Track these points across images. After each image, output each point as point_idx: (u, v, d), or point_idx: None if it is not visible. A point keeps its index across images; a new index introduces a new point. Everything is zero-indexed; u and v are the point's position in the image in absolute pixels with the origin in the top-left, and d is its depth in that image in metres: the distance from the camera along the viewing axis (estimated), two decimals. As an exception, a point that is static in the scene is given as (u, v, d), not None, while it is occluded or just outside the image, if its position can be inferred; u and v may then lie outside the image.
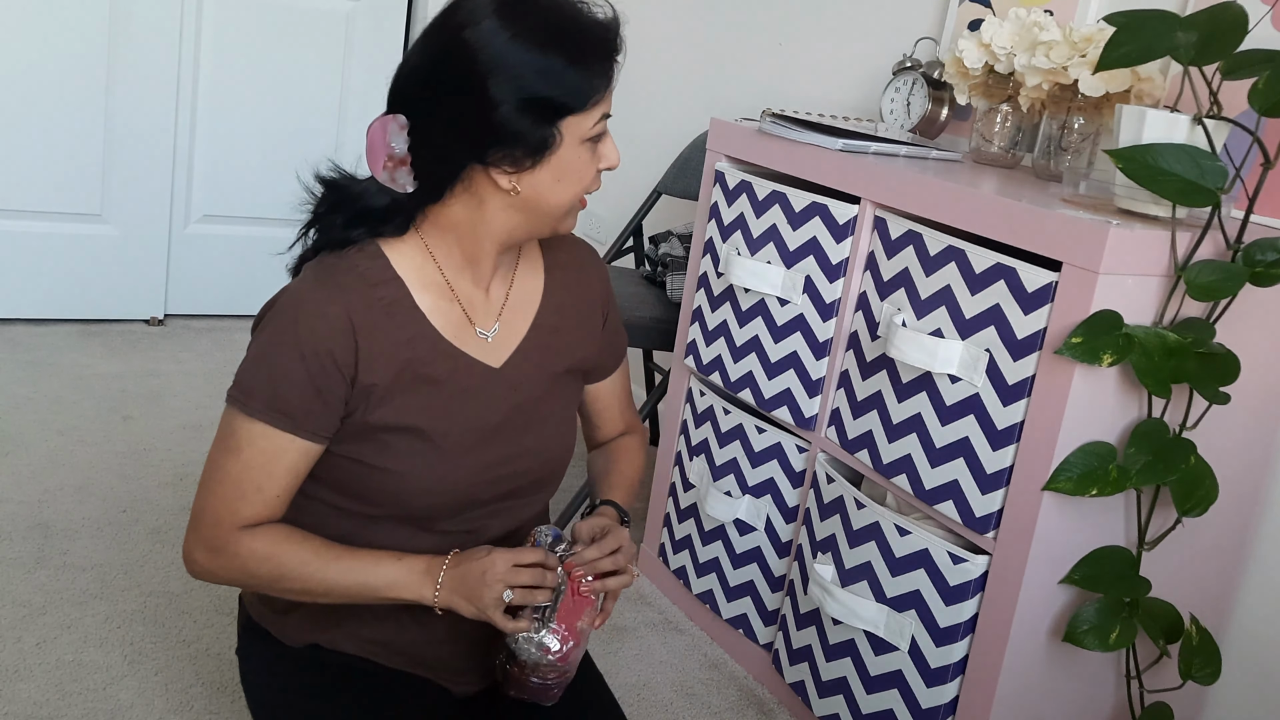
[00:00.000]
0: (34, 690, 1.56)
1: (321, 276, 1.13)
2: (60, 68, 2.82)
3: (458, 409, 1.18)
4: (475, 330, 1.20)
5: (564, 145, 1.11)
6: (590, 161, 1.14)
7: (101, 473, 2.22)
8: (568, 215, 1.18)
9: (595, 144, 1.14)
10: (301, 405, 1.10)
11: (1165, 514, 1.45)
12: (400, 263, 1.16)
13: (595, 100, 1.11)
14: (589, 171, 1.15)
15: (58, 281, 2.97)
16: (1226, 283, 1.33)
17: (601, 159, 1.16)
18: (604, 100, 1.12)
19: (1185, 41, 1.32)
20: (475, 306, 1.20)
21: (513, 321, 1.24)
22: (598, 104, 1.11)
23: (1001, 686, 1.44)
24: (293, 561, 1.12)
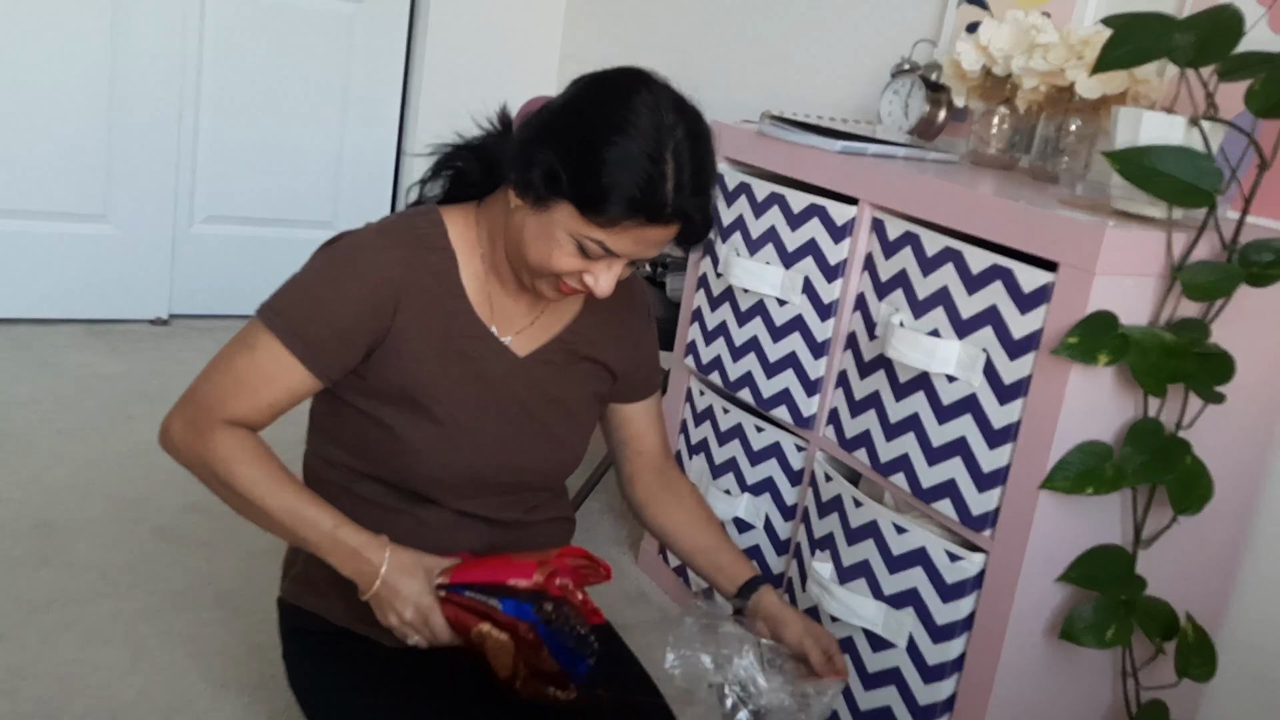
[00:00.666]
0: (37, 688, 1.57)
1: (384, 228, 1.19)
2: (63, 68, 2.83)
3: (477, 388, 1.20)
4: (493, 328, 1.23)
5: (557, 215, 1.10)
6: (567, 256, 1.11)
7: (105, 472, 2.23)
8: (538, 278, 1.16)
9: (585, 254, 1.11)
10: (319, 339, 1.14)
11: (1161, 513, 1.46)
12: (455, 236, 1.21)
13: (599, 220, 1.08)
14: (562, 263, 1.12)
15: (61, 282, 2.98)
16: (1222, 283, 1.34)
17: (586, 272, 1.13)
18: (609, 231, 1.08)
19: (1182, 43, 1.33)
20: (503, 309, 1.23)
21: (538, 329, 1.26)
22: (601, 227, 1.08)
23: (998, 684, 1.44)
24: (245, 477, 1.14)
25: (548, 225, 1.11)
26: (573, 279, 1.14)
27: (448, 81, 3.33)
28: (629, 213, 1.07)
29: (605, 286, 1.13)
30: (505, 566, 1.15)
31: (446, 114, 3.36)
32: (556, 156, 1.09)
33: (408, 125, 3.39)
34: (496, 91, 3.43)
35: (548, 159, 1.09)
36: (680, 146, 1.09)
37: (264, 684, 1.66)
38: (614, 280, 1.13)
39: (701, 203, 1.11)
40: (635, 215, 1.07)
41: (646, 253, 1.13)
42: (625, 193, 1.06)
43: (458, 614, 1.15)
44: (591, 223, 1.09)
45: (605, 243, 1.10)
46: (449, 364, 1.20)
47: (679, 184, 1.08)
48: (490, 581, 1.15)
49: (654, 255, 1.14)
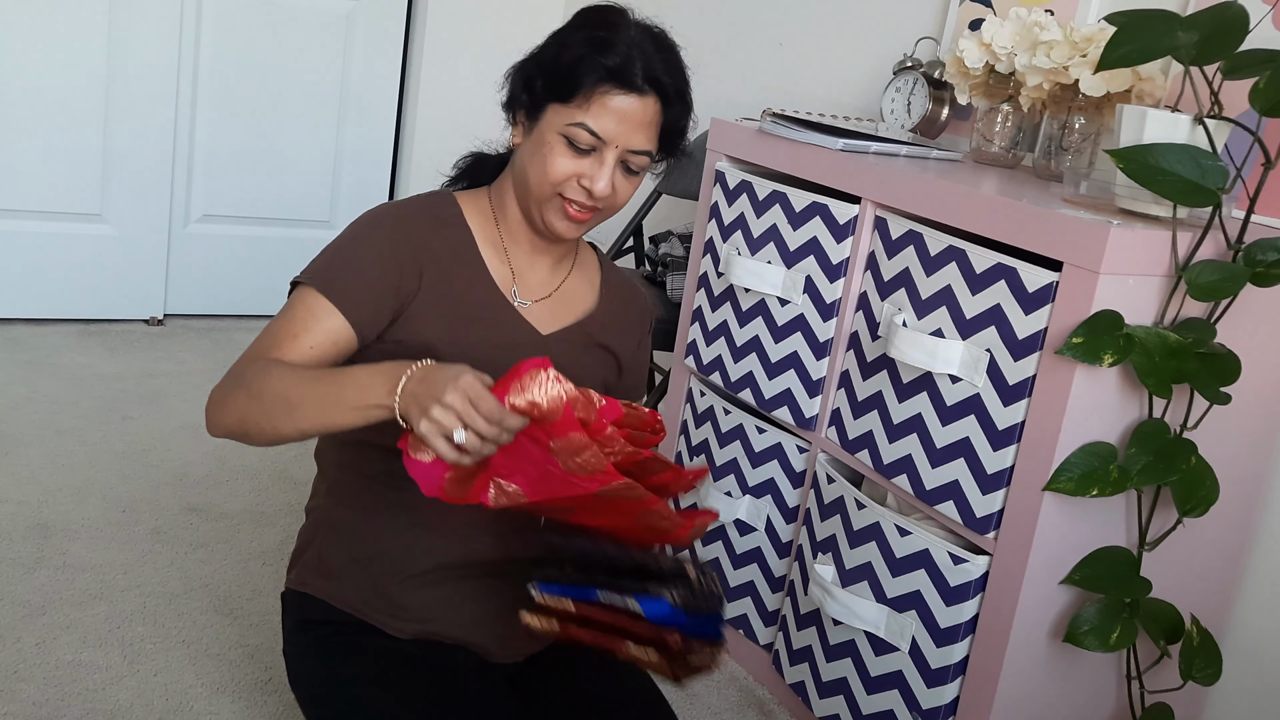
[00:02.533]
0: (33, 690, 1.56)
1: (404, 204, 1.26)
2: (59, 66, 2.82)
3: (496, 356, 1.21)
4: (513, 289, 1.27)
5: (544, 123, 1.19)
6: (561, 158, 1.18)
7: (101, 473, 2.21)
8: (545, 207, 1.21)
9: (575, 148, 1.17)
10: (351, 288, 1.17)
11: (1166, 514, 1.45)
12: (469, 214, 1.27)
13: (576, 100, 1.16)
14: (557, 166, 1.18)
15: (57, 281, 2.97)
16: (1227, 283, 1.33)
17: (582, 176, 1.19)
18: (587, 109, 1.16)
19: (1186, 41, 1.32)
20: (522, 273, 1.28)
21: (560, 307, 1.31)
22: (580, 108, 1.16)
23: (1002, 687, 1.43)
24: (279, 371, 1.11)
25: (539, 137, 1.19)
26: (573, 189, 1.19)
27: (446, 80, 3.32)
28: (600, 80, 1.15)
29: (603, 185, 1.18)
30: (567, 482, 1.01)
31: (444, 112, 3.36)
32: (534, 65, 1.21)
33: (405, 124, 3.37)
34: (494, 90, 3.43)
35: (527, 69, 1.22)
36: (645, 36, 1.20)
37: (261, 687, 1.65)
38: (609, 178, 1.18)
39: (676, 79, 1.21)
40: (606, 81, 1.16)
41: (633, 136, 1.18)
42: (593, 63, 1.16)
43: (593, 636, 1.07)
44: (571, 106, 1.16)
45: (587, 123, 1.16)
46: (469, 331, 1.23)
47: (647, 56, 1.18)
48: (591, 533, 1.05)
49: (640, 145, 1.19)
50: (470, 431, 0.97)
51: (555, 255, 1.31)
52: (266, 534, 2.08)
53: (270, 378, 1.10)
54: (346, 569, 1.25)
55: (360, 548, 1.25)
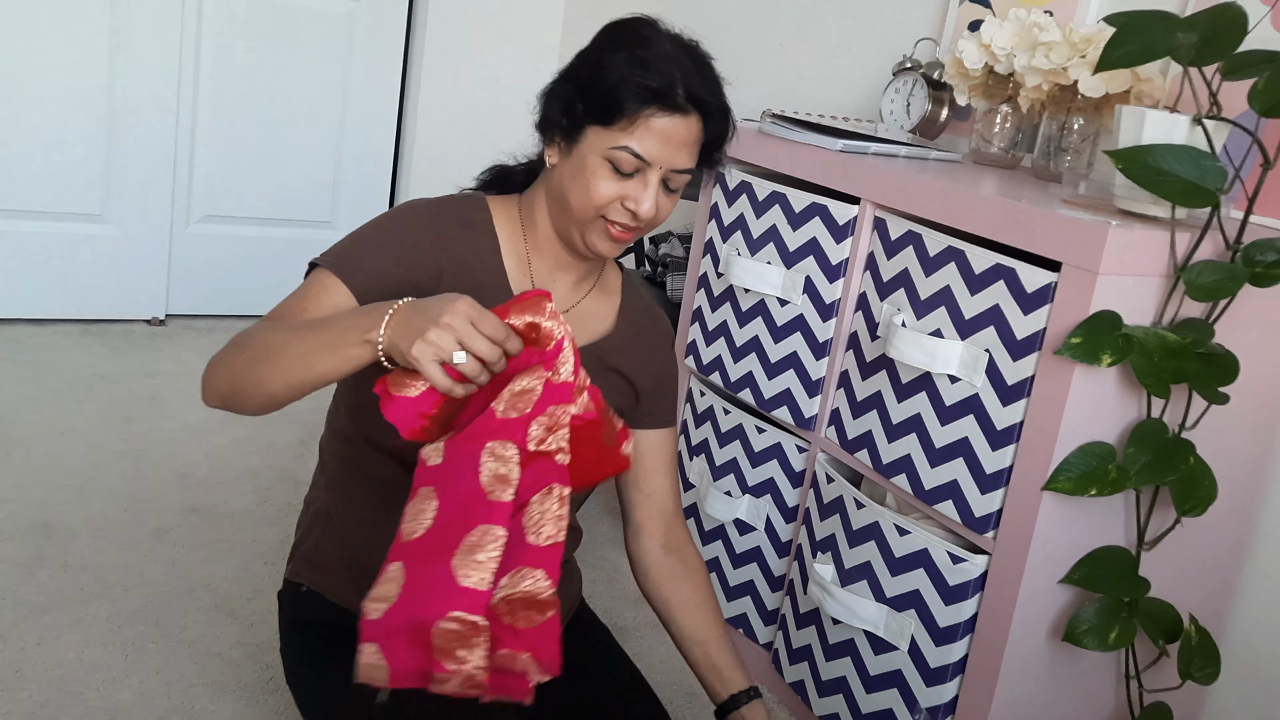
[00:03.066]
0: (35, 690, 1.57)
1: (435, 203, 1.24)
2: (61, 67, 2.82)
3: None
4: None
5: (585, 145, 1.17)
6: (604, 181, 1.16)
7: (102, 473, 2.22)
8: (587, 229, 1.20)
9: (618, 171, 1.16)
10: (365, 270, 1.16)
11: (1165, 514, 1.46)
12: (498, 221, 1.26)
13: (620, 124, 1.14)
14: (600, 190, 1.16)
15: (59, 282, 2.97)
16: (1226, 283, 1.33)
17: (626, 199, 1.17)
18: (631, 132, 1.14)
19: (1185, 42, 1.32)
20: (547, 286, 1.27)
21: (575, 326, 1.28)
22: (624, 131, 1.14)
23: (1001, 686, 1.44)
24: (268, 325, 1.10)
25: (580, 160, 1.17)
26: (617, 211, 1.18)
27: (446, 80, 3.32)
28: (643, 103, 1.13)
29: (648, 206, 1.17)
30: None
31: (445, 113, 3.36)
32: (572, 87, 1.18)
33: (406, 124, 3.38)
34: (495, 91, 3.43)
35: (564, 91, 1.19)
36: (681, 51, 1.18)
37: (262, 686, 1.65)
38: (654, 199, 1.17)
39: (716, 95, 1.19)
40: (650, 104, 1.14)
41: (676, 155, 1.16)
42: (635, 85, 1.13)
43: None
44: (614, 129, 1.15)
45: (632, 146, 1.14)
46: None
47: (687, 74, 1.16)
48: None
49: (683, 164, 1.17)
50: (470, 355, 0.94)
51: (579, 273, 1.29)
52: (267, 534, 2.09)
53: (258, 331, 1.09)
54: (342, 562, 1.25)
55: (356, 542, 1.25)
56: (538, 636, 0.96)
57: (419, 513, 1.01)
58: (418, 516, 1.00)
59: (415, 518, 1.01)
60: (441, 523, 0.99)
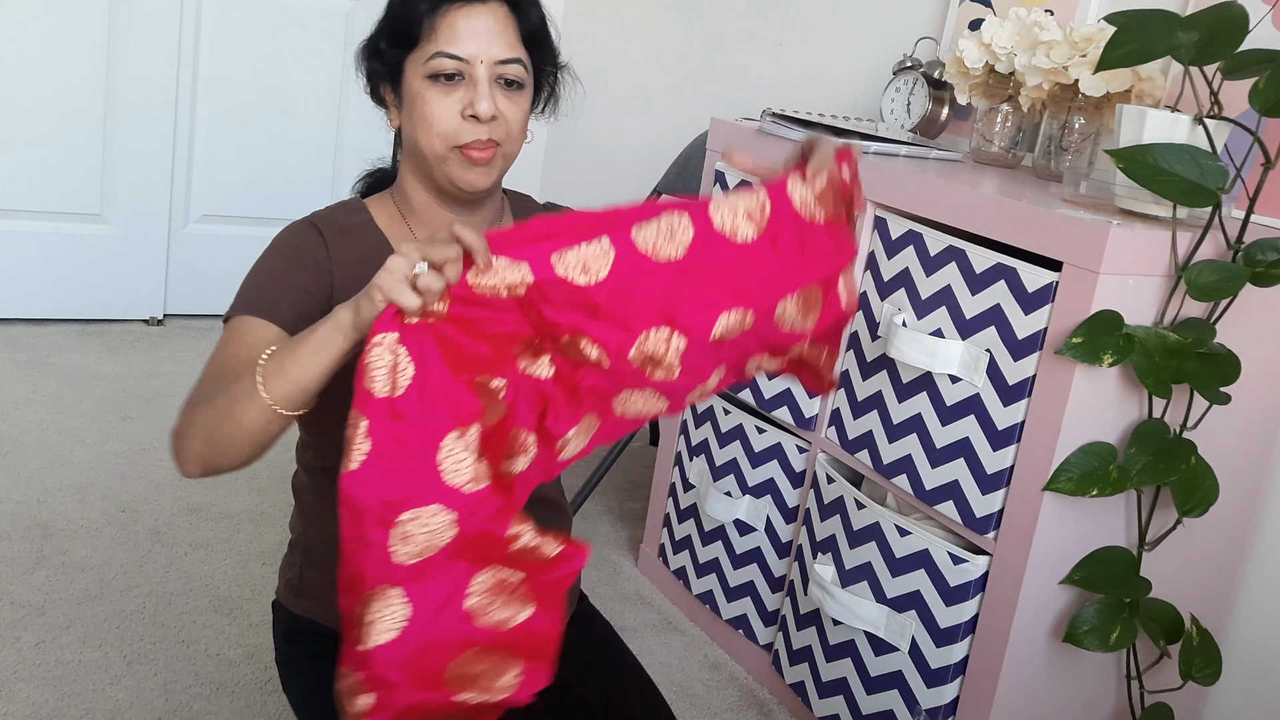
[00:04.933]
0: (32, 690, 1.56)
1: (308, 219, 1.21)
2: (59, 67, 2.81)
3: None
4: None
5: (407, 82, 1.15)
6: (436, 101, 1.13)
7: (101, 473, 2.21)
8: (446, 164, 1.16)
9: (446, 85, 1.13)
10: (271, 298, 1.14)
11: (1166, 514, 1.45)
12: (379, 217, 1.23)
13: (422, 34, 1.12)
14: (436, 111, 1.13)
15: (57, 281, 2.97)
16: (1227, 283, 1.33)
17: (464, 110, 1.13)
18: (435, 37, 1.11)
19: (1186, 41, 1.32)
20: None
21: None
22: (430, 41, 1.12)
23: (1002, 687, 1.43)
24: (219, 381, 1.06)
25: (410, 97, 1.15)
26: (464, 130, 1.14)
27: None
28: (436, 4, 1.11)
29: (485, 105, 1.12)
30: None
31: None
32: (374, 34, 1.18)
33: (405, 124, 3.37)
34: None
35: (370, 41, 1.18)
36: None
37: (259, 687, 1.65)
38: (489, 95, 1.13)
39: None
40: (444, 3, 1.11)
41: (492, 45, 1.13)
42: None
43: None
44: (422, 46, 1.12)
45: (444, 49, 1.12)
46: None
47: None
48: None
49: (505, 54, 1.13)
50: (431, 267, 0.89)
51: (480, 227, 1.23)
52: (266, 534, 2.08)
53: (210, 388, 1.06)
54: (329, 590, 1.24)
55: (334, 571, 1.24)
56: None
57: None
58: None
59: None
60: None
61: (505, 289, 0.89)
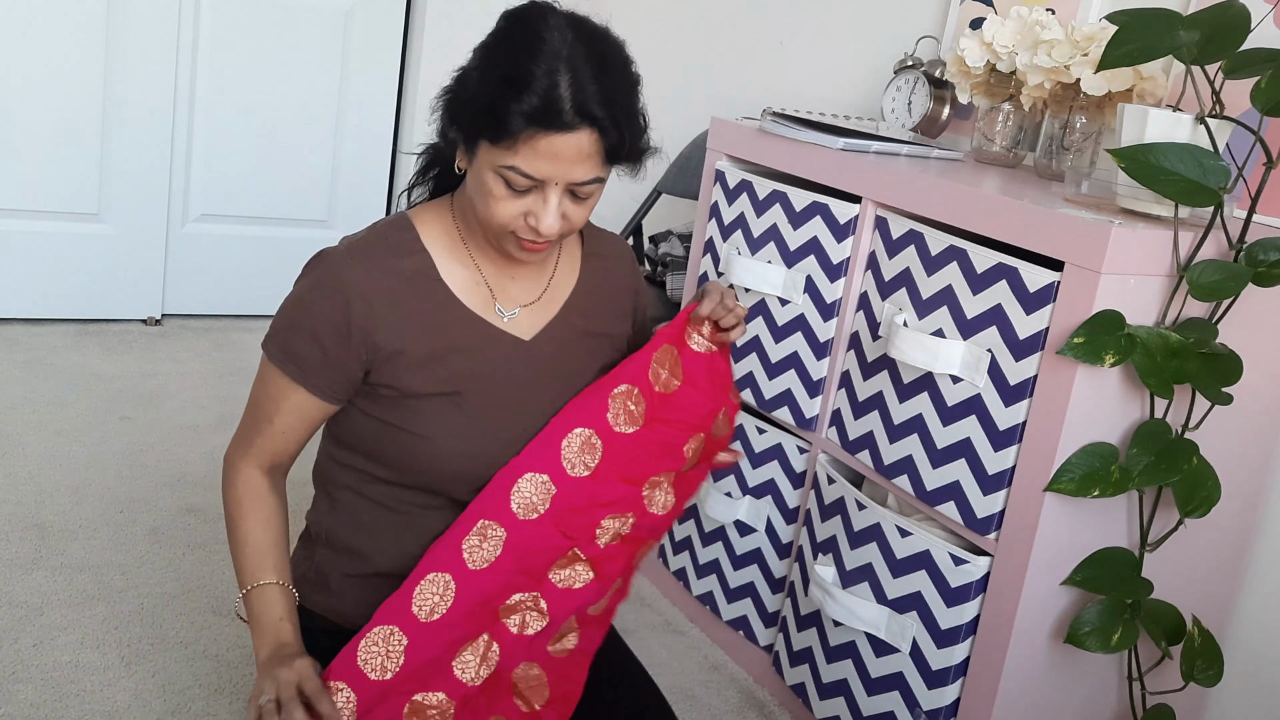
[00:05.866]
0: (31, 692, 1.56)
1: (352, 245, 1.19)
2: (57, 66, 2.81)
3: (487, 378, 1.19)
4: (496, 306, 1.22)
5: (479, 160, 1.11)
6: (501, 200, 1.10)
7: (99, 473, 2.21)
8: (500, 239, 1.15)
9: (512, 189, 1.09)
10: (310, 362, 1.16)
11: (1167, 515, 1.45)
12: (429, 237, 1.20)
13: (504, 143, 1.07)
14: (498, 210, 1.11)
15: (55, 281, 2.96)
16: (1229, 283, 1.32)
17: (528, 214, 1.11)
18: (516, 152, 1.07)
19: (1187, 40, 1.32)
20: (502, 289, 1.22)
21: (544, 304, 1.26)
22: (510, 150, 1.07)
23: (1003, 688, 1.43)
24: (238, 528, 1.20)
25: (479, 174, 1.12)
26: (521, 228, 1.13)
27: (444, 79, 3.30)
28: (527, 123, 1.06)
29: (549, 224, 1.10)
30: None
31: (443, 112, 3.35)
32: (455, 102, 1.12)
33: (404, 123, 3.37)
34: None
35: (449, 108, 1.13)
36: (575, 54, 1.07)
37: (259, 688, 1.64)
38: (556, 216, 1.11)
39: (608, 105, 1.08)
40: (533, 125, 1.06)
41: (570, 172, 1.09)
42: (519, 106, 1.05)
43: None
44: (500, 148, 1.08)
45: (520, 167, 1.08)
46: (449, 362, 1.19)
47: (577, 87, 1.06)
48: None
49: (583, 177, 1.10)
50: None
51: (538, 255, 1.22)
52: (265, 534, 2.08)
53: (230, 528, 1.21)
54: (345, 584, 1.24)
55: (360, 566, 1.24)
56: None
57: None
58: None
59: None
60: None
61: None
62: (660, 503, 1.23)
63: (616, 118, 1.09)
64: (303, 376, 1.16)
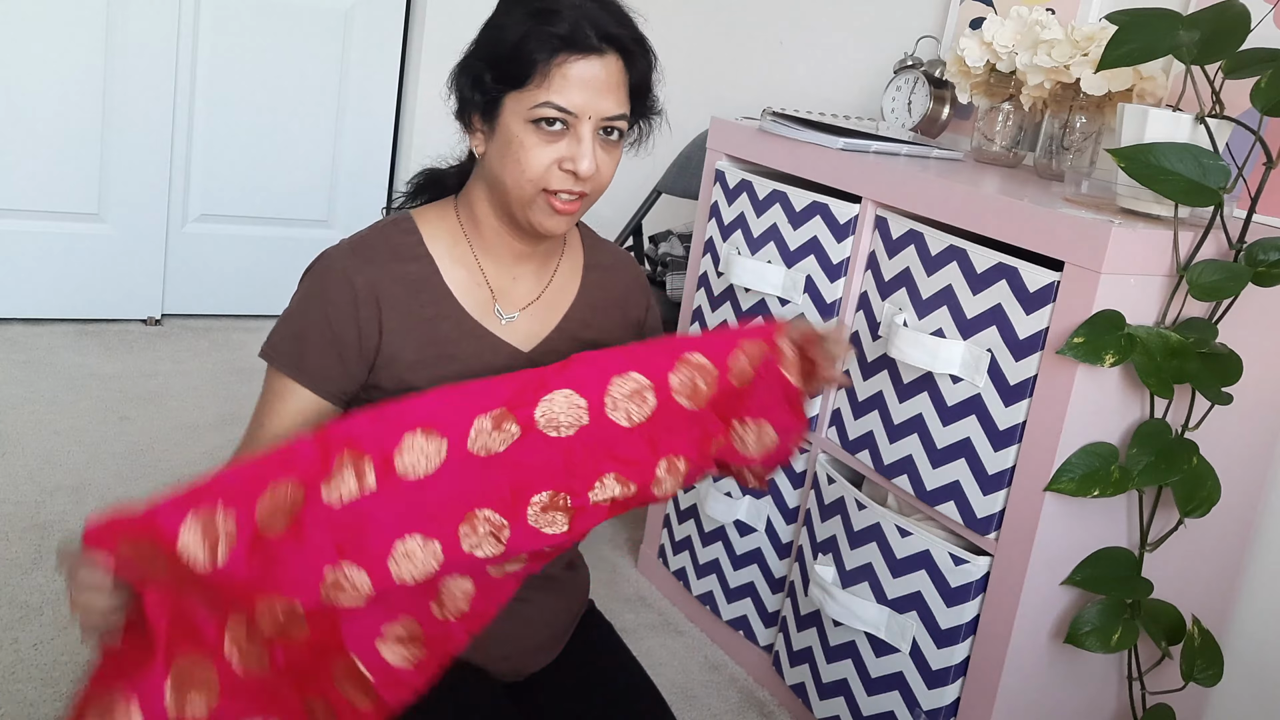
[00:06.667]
0: (30, 691, 1.56)
1: (356, 246, 1.18)
2: (57, 66, 2.81)
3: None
4: (496, 308, 1.20)
5: (506, 117, 1.11)
6: (535, 148, 1.09)
7: (99, 473, 2.21)
8: (529, 206, 1.13)
9: (549, 133, 1.09)
10: (320, 365, 1.14)
11: (1167, 515, 1.45)
12: (432, 238, 1.19)
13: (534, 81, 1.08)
14: (533, 159, 1.09)
15: (54, 281, 2.96)
16: (1229, 282, 1.32)
17: (562, 158, 1.10)
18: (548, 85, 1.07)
19: (1187, 40, 1.32)
20: (503, 290, 1.21)
21: (544, 312, 1.24)
22: (540, 87, 1.08)
23: (1003, 688, 1.43)
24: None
25: (505, 135, 1.11)
26: (557, 178, 1.11)
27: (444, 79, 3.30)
28: (553, 51, 1.07)
29: (587, 163, 1.10)
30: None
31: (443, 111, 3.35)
32: (478, 59, 1.13)
33: (404, 123, 3.37)
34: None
35: (472, 66, 1.14)
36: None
37: (259, 688, 1.64)
38: (591, 154, 1.10)
39: (629, 27, 1.13)
40: (560, 51, 1.08)
41: (602, 101, 1.09)
42: (541, 35, 1.07)
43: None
44: (529, 88, 1.08)
45: (553, 100, 1.08)
46: (449, 366, 1.18)
47: (602, 15, 1.10)
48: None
49: (612, 110, 1.10)
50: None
51: (538, 259, 1.23)
52: (265, 534, 2.08)
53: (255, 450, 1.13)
54: None
55: None
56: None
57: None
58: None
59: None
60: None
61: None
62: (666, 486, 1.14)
63: (638, 40, 1.13)
64: (305, 377, 1.15)
